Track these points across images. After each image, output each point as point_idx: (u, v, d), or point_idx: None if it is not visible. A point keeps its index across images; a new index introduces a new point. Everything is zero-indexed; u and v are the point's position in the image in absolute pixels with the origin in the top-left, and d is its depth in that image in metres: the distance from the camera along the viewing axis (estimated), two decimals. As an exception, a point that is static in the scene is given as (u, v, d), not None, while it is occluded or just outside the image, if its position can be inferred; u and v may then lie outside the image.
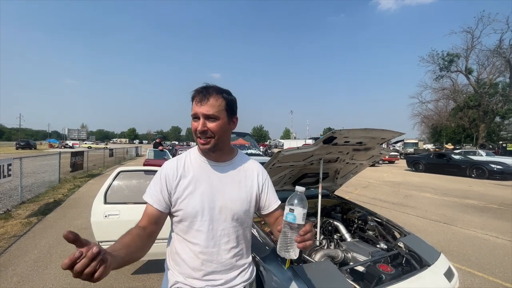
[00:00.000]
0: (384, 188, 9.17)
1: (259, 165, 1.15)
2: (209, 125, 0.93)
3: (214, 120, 0.93)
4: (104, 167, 14.31)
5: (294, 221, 0.73)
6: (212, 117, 0.92)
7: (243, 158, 1.12)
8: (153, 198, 0.96)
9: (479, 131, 28.20)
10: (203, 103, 0.91)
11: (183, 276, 0.97)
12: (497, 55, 25.91)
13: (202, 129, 0.92)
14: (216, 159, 1.03)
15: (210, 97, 0.92)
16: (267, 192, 1.10)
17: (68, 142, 55.71)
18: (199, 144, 0.97)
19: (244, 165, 1.09)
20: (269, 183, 1.13)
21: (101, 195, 2.58)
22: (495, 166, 11.56)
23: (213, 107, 0.91)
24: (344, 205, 3.04)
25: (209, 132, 0.93)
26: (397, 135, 2.13)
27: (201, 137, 0.94)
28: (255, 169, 1.11)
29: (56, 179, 8.57)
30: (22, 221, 4.59)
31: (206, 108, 0.91)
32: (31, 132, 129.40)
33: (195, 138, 0.97)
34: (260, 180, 1.09)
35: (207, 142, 0.95)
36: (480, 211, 6.01)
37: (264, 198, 1.09)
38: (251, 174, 1.08)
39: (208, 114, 0.91)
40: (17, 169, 5.93)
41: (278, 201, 1.12)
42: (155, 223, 0.96)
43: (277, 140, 61.56)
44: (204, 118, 0.92)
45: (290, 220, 0.74)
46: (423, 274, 1.67)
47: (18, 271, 2.92)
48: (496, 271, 3.09)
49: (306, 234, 0.77)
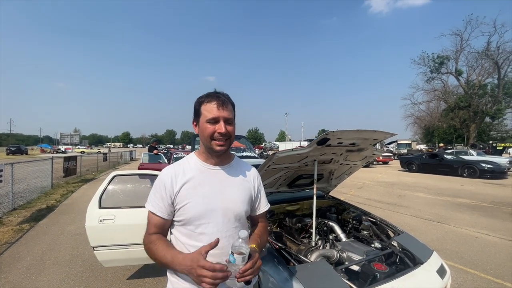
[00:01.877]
0: (378, 188, 9.28)
1: (254, 169, 1.20)
2: (228, 128, 0.98)
3: (231, 124, 1.00)
4: (98, 171, 14.12)
5: (234, 263, 0.82)
6: (230, 121, 0.99)
7: (240, 162, 1.17)
8: (155, 207, 0.98)
9: (470, 131, 28.74)
10: (224, 107, 0.97)
11: (187, 281, 0.94)
12: (486, 57, 26.54)
13: (225, 131, 0.96)
14: (216, 163, 1.06)
15: (228, 103, 0.99)
16: (260, 195, 1.17)
17: (60, 147, 54.78)
18: (216, 146, 0.98)
19: (241, 169, 1.14)
20: (262, 187, 1.20)
21: (96, 200, 2.56)
22: (486, 165, 11.81)
23: (230, 111, 1.00)
24: (339, 205, 3.07)
25: (228, 134, 0.99)
26: (389, 136, 2.18)
27: (221, 139, 0.98)
28: (251, 173, 1.16)
29: (49, 185, 8.43)
30: (13, 228, 4.51)
31: (227, 112, 0.97)
32: (22, 137, 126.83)
33: (208, 141, 0.99)
34: (256, 184, 1.16)
35: (225, 144, 0.99)
36: (471, 209, 6.13)
37: (258, 201, 1.16)
38: (248, 177, 1.13)
39: (228, 118, 0.98)
40: (8, 175, 5.82)
41: (268, 205, 1.21)
42: (162, 229, 1.00)
43: (272, 143, 61.64)
44: (224, 121, 0.97)
45: (231, 261, 0.82)
46: (416, 272, 1.70)
47: (10, 278, 2.86)
48: (488, 268, 3.16)
49: (246, 272, 0.82)
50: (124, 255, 2.52)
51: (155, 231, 0.98)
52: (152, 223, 0.98)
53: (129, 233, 2.43)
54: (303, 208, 3.00)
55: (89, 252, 3.42)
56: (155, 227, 0.98)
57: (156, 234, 0.98)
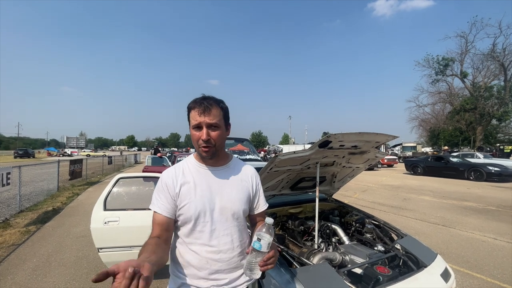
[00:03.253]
0: (383, 191, 9.19)
1: (253, 169, 1.22)
2: (212, 133, 0.99)
3: (215, 129, 0.99)
4: (102, 174, 14.27)
5: (260, 249, 0.84)
6: (214, 126, 0.99)
7: (238, 163, 1.19)
8: (160, 207, 1.01)
9: (476, 133, 28.38)
10: (206, 113, 0.96)
11: (189, 277, 1.01)
12: (491, 59, 26.30)
13: (207, 138, 0.97)
14: (213, 164, 1.09)
15: (211, 108, 0.98)
16: (259, 194, 1.19)
17: (66, 150, 55.48)
18: (202, 152, 1.01)
19: (239, 169, 1.16)
20: (261, 186, 1.22)
21: (100, 202, 2.60)
22: (493, 168, 11.63)
23: (215, 116, 0.98)
24: (342, 208, 3.06)
25: (211, 140, 0.99)
26: (391, 138, 2.18)
27: (204, 145, 0.99)
28: (249, 173, 1.18)
29: (55, 187, 8.55)
30: (20, 229, 4.58)
31: (209, 117, 0.97)
32: (29, 140, 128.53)
33: (196, 146, 1.02)
34: (254, 183, 1.17)
35: (209, 150, 1.00)
36: (478, 213, 6.04)
37: (256, 200, 1.18)
38: (246, 177, 1.15)
39: (211, 123, 0.97)
40: (16, 178, 5.93)
41: (266, 204, 1.22)
42: (166, 230, 1.01)
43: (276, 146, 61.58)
44: (207, 127, 0.97)
45: (257, 248, 0.85)
46: (420, 275, 1.69)
47: (17, 279, 2.91)
48: (495, 273, 3.11)
49: (269, 260, 0.86)
50: (128, 257, 2.54)
51: (157, 233, 0.98)
52: (156, 223, 1.00)
53: (133, 235, 2.46)
54: (306, 210, 3.00)
55: (94, 254, 3.46)
56: (159, 227, 0.99)
57: (155, 237, 0.96)
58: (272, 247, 0.91)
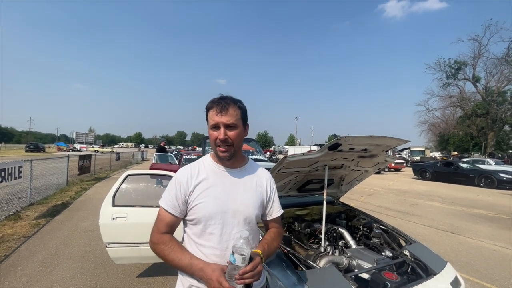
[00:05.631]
0: (390, 196, 9.06)
1: (268, 173, 1.20)
2: (229, 133, 0.98)
3: (233, 129, 0.98)
4: (110, 170, 14.50)
5: (234, 263, 0.83)
6: (231, 126, 0.98)
7: (253, 165, 1.17)
8: (168, 204, 1.01)
9: (488, 139, 27.72)
10: (224, 113, 0.96)
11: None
12: (505, 63, 25.65)
13: (224, 138, 0.96)
14: (230, 165, 1.08)
15: (229, 107, 0.97)
16: (273, 200, 1.16)
17: (76, 146, 56.60)
18: (219, 152, 1.00)
19: (255, 172, 1.14)
20: (276, 192, 1.18)
21: (109, 198, 2.63)
22: (505, 175, 11.34)
23: (232, 116, 0.97)
24: (349, 212, 3.03)
25: (229, 140, 0.98)
26: (402, 143, 2.15)
27: (222, 145, 0.98)
28: (264, 177, 1.16)
29: (64, 182, 8.73)
30: (30, 222, 4.69)
31: (226, 117, 0.96)
32: (40, 135, 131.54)
33: (213, 147, 1.02)
34: (269, 188, 1.15)
35: (227, 150, 0.99)
36: (489, 221, 5.89)
37: (270, 205, 1.15)
38: (261, 181, 1.13)
39: (228, 123, 0.96)
40: (27, 172, 6.07)
41: (281, 210, 1.18)
42: (172, 228, 1.02)
43: (281, 146, 61.49)
44: (224, 127, 0.97)
45: (232, 261, 0.84)
46: (429, 282, 1.65)
47: (26, 271, 2.98)
48: (506, 283, 3.02)
49: (245, 274, 0.83)
50: (135, 253, 2.58)
51: (166, 230, 1.00)
52: (164, 220, 1.00)
53: (140, 231, 2.48)
54: (313, 213, 2.98)
55: (101, 248, 3.51)
56: (166, 225, 1.00)
57: (167, 234, 0.99)
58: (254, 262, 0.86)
